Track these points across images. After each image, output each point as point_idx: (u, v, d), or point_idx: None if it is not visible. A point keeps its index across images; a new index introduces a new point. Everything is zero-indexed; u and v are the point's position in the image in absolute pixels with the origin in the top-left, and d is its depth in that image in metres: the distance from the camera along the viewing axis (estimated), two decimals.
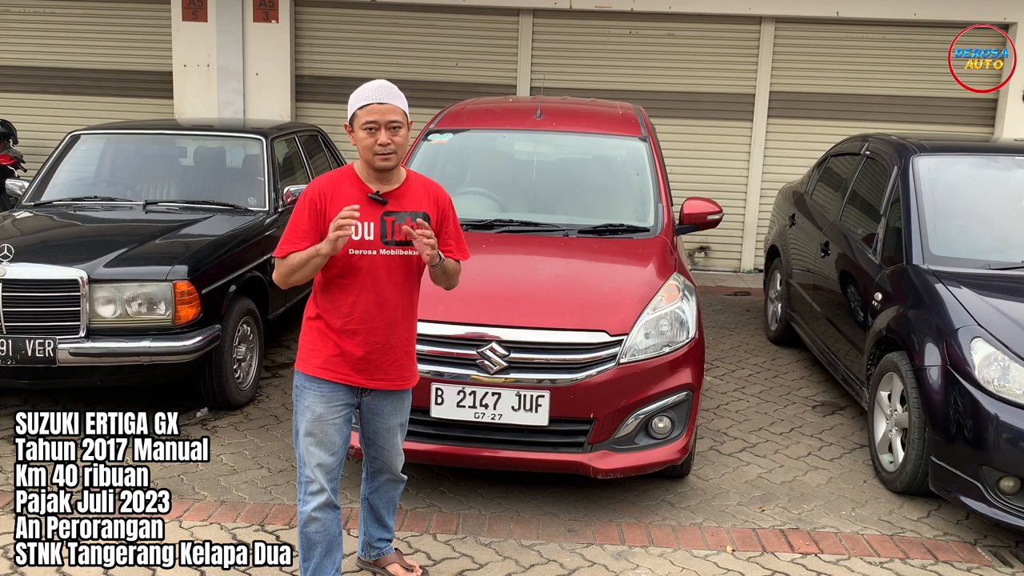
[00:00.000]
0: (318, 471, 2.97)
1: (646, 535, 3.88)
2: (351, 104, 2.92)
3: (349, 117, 2.93)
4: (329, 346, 2.95)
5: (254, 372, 5.37)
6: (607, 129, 5.43)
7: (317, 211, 2.86)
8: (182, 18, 9.43)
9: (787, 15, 9.26)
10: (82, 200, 5.89)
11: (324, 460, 2.98)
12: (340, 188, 2.90)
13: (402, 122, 2.89)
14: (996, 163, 5.54)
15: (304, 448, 2.99)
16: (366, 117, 2.85)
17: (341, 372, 2.95)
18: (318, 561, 3.05)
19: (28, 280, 4.50)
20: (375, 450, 3.21)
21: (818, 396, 5.81)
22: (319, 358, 2.96)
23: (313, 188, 2.92)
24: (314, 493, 2.98)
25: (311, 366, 2.97)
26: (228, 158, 6.42)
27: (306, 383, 2.99)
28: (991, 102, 9.34)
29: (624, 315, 3.93)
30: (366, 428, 3.16)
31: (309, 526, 3.01)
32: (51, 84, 9.91)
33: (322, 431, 2.97)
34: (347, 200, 2.85)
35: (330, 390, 2.97)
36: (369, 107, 2.85)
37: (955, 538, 3.99)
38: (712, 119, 9.54)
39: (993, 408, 3.81)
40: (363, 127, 2.85)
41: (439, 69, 9.59)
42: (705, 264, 9.76)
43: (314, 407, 2.96)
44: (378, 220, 2.88)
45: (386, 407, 3.11)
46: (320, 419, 2.96)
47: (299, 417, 3.01)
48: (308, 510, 3.00)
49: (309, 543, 3.04)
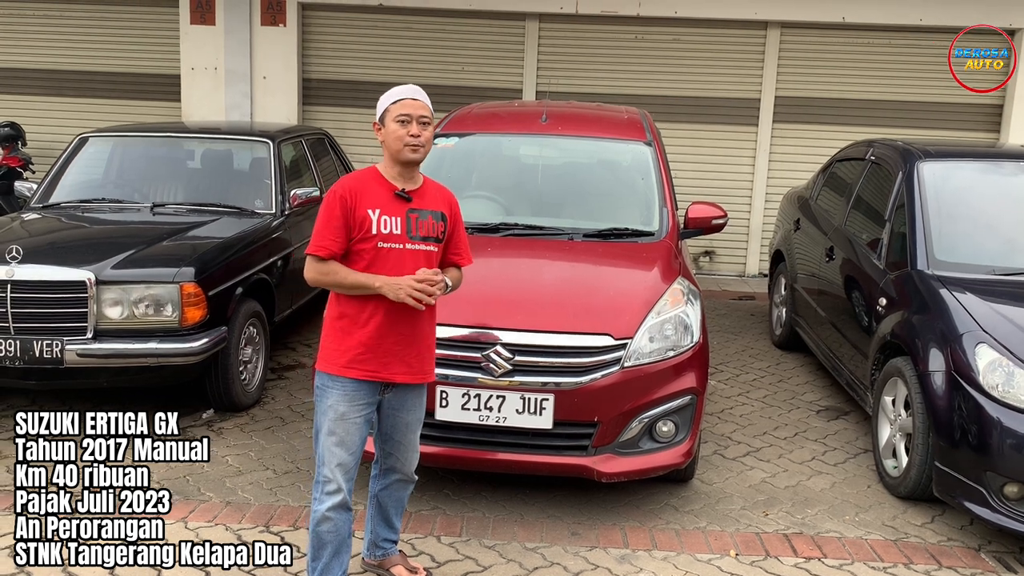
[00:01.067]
0: (337, 471, 3.02)
1: (650, 539, 3.89)
2: (383, 102, 3.06)
3: (380, 115, 3.06)
4: (354, 344, 2.99)
5: (260, 374, 5.39)
6: (612, 133, 5.44)
7: (348, 208, 2.96)
8: (190, 21, 9.48)
9: (793, 20, 9.27)
10: (90, 202, 5.92)
11: (344, 459, 3.03)
12: (368, 186, 3.01)
13: (430, 120, 3.06)
14: (1001, 168, 5.54)
15: (325, 447, 3.03)
16: (399, 111, 3.00)
17: (367, 369, 3.00)
18: (327, 561, 3.08)
19: (36, 281, 4.52)
20: (392, 446, 3.24)
21: (822, 401, 5.81)
22: (344, 357, 3.00)
23: (343, 186, 3.01)
24: (331, 493, 3.03)
25: (336, 366, 3.01)
26: (235, 161, 6.46)
27: (329, 382, 3.03)
28: (996, 108, 9.33)
29: (629, 319, 3.94)
30: (385, 424, 3.19)
31: (322, 525, 3.05)
32: (60, 86, 9.95)
33: (344, 430, 3.02)
34: (375, 197, 2.99)
35: (354, 388, 3.01)
36: (403, 102, 3.02)
37: (959, 544, 3.99)
38: (717, 124, 9.55)
39: (997, 413, 3.81)
40: (396, 119, 3.00)
41: (445, 73, 9.61)
42: (710, 268, 9.77)
43: (337, 406, 3.01)
44: (404, 216, 3.01)
45: (407, 401, 3.17)
46: (343, 418, 3.01)
47: (321, 417, 3.05)
48: (323, 509, 3.03)
49: (320, 542, 3.07)
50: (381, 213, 2.96)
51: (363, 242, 2.96)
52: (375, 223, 2.95)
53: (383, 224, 2.95)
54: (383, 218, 2.96)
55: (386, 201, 2.99)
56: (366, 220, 2.95)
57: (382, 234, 2.96)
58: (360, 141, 9.37)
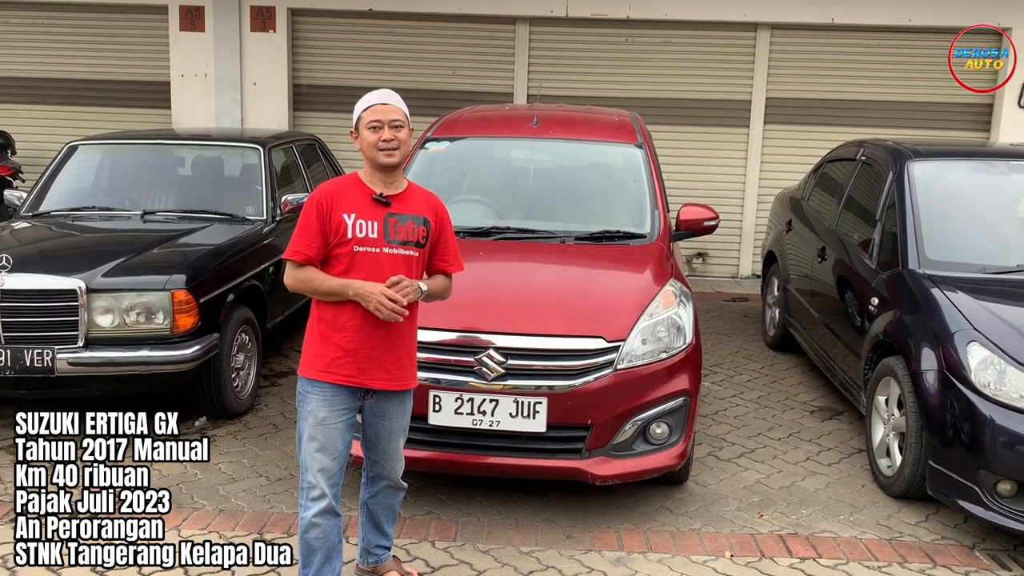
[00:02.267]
0: (320, 476, 3.01)
1: (644, 541, 3.88)
2: (356, 110, 3.08)
3: (354, 123, 3.06)
4: (332, 349, 2.99)
5: (252, 381, 5.37)
6: (603, 136, 5.45)
7: (324, 213, 2.96)
8: (179, 28, 9.46)
9: (782, 22, 9.30)
10: (80, 210, 5.90)
11: (326, 465, 3.02)
12: (345, 191, 3.02)
13: (403, 122, 3.05)
14: (991, 168, 5.56)
15: (307, 453, 3.02)
16: (370, 117, 3.02)
17: (344, 374, 2.99)
18: (318, 568, 3.07)
19: (26, 290, 4.50)
20: (376, 454, 3.23)
21: (816, 401, 5.81)
22: (322, 362, 3.00)
23: (320, 192, 3.02)
24: (315, 499, 3.02)
25: (314, 370, 3.02)
26: (226, 167, 6.43)
27: (309, 388, 3.03)
28: (987, 107, 9.36)
29: (621, 321, 3.94)
30: (368, 431, 3.18)
31: (310, 532, 3.04)
32: (49, 94, 9.92)
33: (325, 435, 3.01)
34: (352, 202, 2.98)
35: (332, 393, 3.00)
36: (373, 107, 3.03)
37: (953, 542, 3.99)
38: (708, 126, 9.56)
39: (990, 412, 3.82)
40: (367, 126, 3.01)
41: (436, 77, 9.61)
42: (703, 270, 9.78)
43: (317, 411, 3.00)
44: (382, 220, 3.00)
45: (389, 409, 3.15)
46: (323, 423, 3.00)
47: (302, 422, 3.05)
48: (309, 515, 3.02)
49: (309, 549, 3.06)
50: (357, 217, 2.97)
51: (339, 247, 2.96)
52: (350, 227, 2.96)
53: (359, 228, 2.96)
54: (359, 222, 2.96)
55: (363, 205, 2.99)
56: (341, 224, 2.95)
57: (357, 238, 2.96)
58: (351, 147, 9.24)
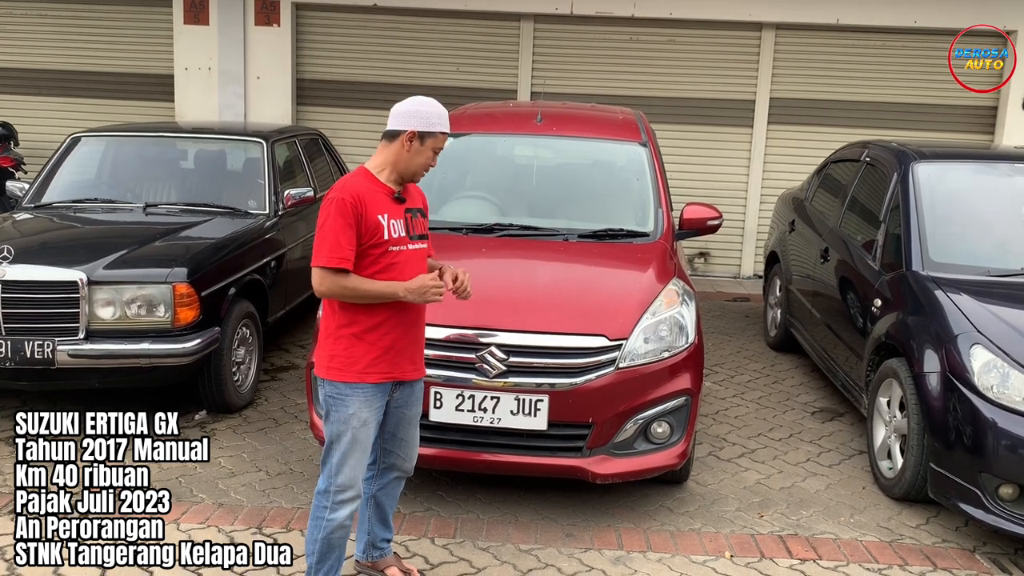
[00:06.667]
0: (357, 477, 3.05)
1: (644, 540, 3.88)
2: (430, 120, 3.00)
3: (420, 131, 2.99)
4: (367, 349, 3.00)
5: (253, 375, 5.36)
6: (607, 134, 5.44)
7: (359, 216, 2.92)
8: (183, 21, 9.44)
9: (788, 22, 9.28)
10: (82, 202, 5.90)
11: (364, 465, 3.09)
12: (369, 191, 2.99)
13: None
14: (995, 170, 5.54)
15: (347, 455, 3.02)
16: (439, 144, 3.05)
17: (382, 371, 3.03)
18: (333, 563, 3.10)
19: (28, 281, 4.50)
20: (395, 443, 3.25)
21: (817, 402, 5.80)
22: (360, 364, 3.00)
23: (346, 193, 2.94)
24: (349, 500, 3.05)
25: (352, 373, 3.00)
26: (229, 161, 6.43)
27: (347, 391, 3.00)
28: (991, 109, 9.34)
29: (623, 320, 3.93)
30: (389, 423, 3.20)
31: (337, 532, 3.06)
32: (52, 86, 9.91)
33: (367, 436, 3.06)
34: (380, 203, 3.00)
35: (372, 393, 3.03)
36: (445, 136, 3.06)
37: (954, 545, 3.99)
38: (712, 125, 9.54)
39: (992, 415, 3.81)
40: (434, 148, 3.04)
41: (440, 74, 9.59)
42: (705, 270, 9.76)
43: (360, 413, 3.01)
44: (404, 218, 3.05)
45: (412, 397, 3.21)
46: (366, 424, 3.03)
47: (342, 426, 3.01)
48: (340, 518, 3.04)
49: (330, 547, 3.07)
50: (390, 217, 2.99)
51: (374, 248, 2.95)
52: (386, 228, 2.96)
53: (392, 229, 2.99)
54: (392, 222, 2.99)
55: (389, 205, 3.01)
56: (379, 227, 2.95)
57: (393, 238, 2.99)
58: (354, 141, 9.34)
